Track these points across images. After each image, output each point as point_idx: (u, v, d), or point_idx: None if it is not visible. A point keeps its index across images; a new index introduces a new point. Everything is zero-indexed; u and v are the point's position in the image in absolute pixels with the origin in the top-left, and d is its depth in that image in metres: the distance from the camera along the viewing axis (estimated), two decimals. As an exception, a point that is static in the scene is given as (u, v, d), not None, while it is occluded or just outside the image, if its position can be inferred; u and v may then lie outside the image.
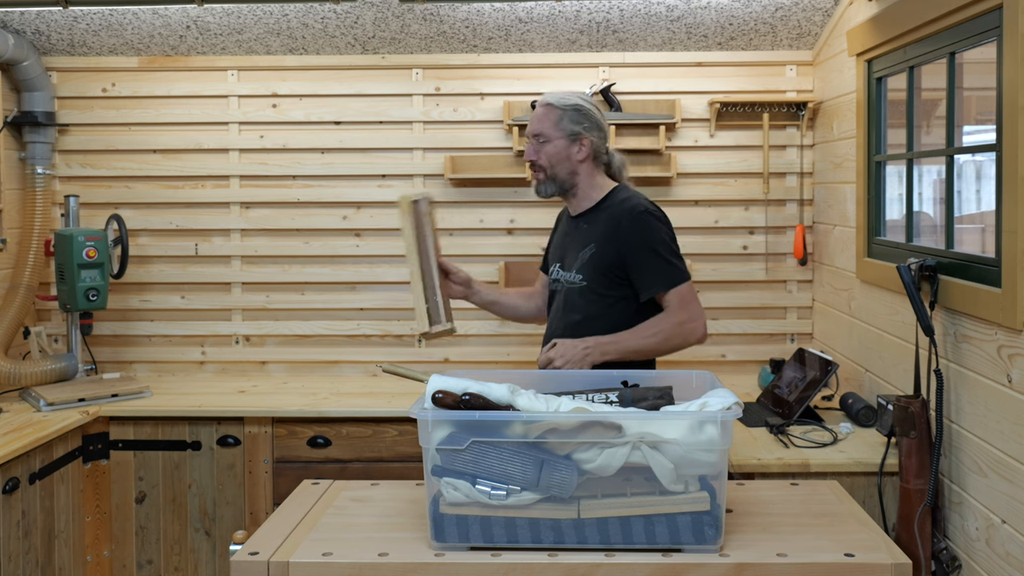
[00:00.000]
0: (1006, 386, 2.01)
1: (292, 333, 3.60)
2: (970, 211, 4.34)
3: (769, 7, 3.19)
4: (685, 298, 2.41)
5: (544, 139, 2.48)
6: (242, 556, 1.70)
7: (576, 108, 2.49)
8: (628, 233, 2.39)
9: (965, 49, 2.30)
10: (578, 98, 2.51)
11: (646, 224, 2.40)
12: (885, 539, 1.76)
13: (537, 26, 3.31)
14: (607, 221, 2.45)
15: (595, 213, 2.50)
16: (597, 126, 2.49)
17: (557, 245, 2.64)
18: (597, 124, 2.49)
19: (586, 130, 2.48)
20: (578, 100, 2.51)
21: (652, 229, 2.40)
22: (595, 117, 2.49)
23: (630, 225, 2.40)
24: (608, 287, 2.43)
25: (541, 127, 2.49)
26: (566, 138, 2.48)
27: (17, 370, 3.17)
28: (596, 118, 2.49)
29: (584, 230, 2.50)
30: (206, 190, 3.58)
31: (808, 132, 3.48)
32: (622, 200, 2.47)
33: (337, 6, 3.18)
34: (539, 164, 2.50)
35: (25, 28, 3.32)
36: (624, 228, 2.40)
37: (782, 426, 2.69)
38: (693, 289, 2.43)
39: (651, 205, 2.45)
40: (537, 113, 2.51)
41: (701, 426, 1.65)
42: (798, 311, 3.55)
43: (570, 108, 2.48)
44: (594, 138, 2.49)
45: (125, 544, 3.10)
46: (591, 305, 2.46)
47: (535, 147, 2.50)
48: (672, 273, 2.40)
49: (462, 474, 1.69)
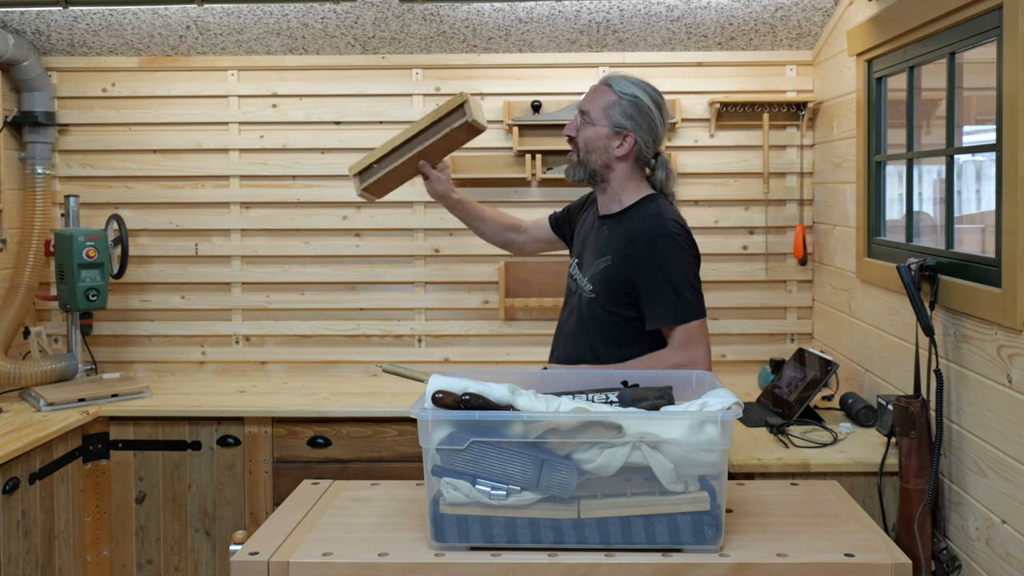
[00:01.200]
0: (1006, 386, 2.01)
1: (292, 333, 3.60)
2: (970, 211, 4.34)
3: (769, 7, 3.19)
4: (691, 338, 2.18)
5: (588, 120, 2.28)
6: (242, 556, 1.70)
7: (634, 100, 2.26)
8: (644, 254, 2.19)
9: (965, 49, 2.30)
10: (642, 89, 2.27)
11: (665, 248, 2.18)
12: (885, 539, 1.76)
13: (537, 26, 3.31)
14: (626, 235, 2.25)
15: (619, 220, 2.30)
16: (650, 126, 2.27)
17: (580, 238, 2.45)
18: (650, 124, 2.27)
19: (634, 127, 2.25)
20: (640, 91, 2.27)
21: (670, 255, 2.18)
22: (651, 115, 2.26)
23: (647, 246, 2.19)
24: (617, 304, 2.25)
25: (590, 106, 2.28)
26: (610, 128, 2.26)
27: (17, 370, 3.17)
28: (652, 117, 2.26)
29: (605, 236, 2.31)
30: (206, 190, 3.58)
31: (808, 132, 3.48)
32: (649, 215, 2.26)
33: (337, 6, 3.18)
34: (575, 143, 2.31)
35: (25, 28, 3.32)
36: (640, 247, 2.20)
37: (782, 426, 2.69)
38: (704, 328, 2.21)
39: (677, 227, 2.22)
40: (593, 89, 2.32)
41: (701, 426, 1.65)
42: (798, 311, 3.55)
43: (627, 97, 2.26)
44: (642, 138, 2.26)
45: (125, 544, 3.10)
46: (597, 320, 2.29)
47: (577, 124, 2.30)
48: (681, 308, 2.18)
49: (462, 474, 1.69)
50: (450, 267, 3.57)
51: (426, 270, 3.58)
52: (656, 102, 2.28)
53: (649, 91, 2.29)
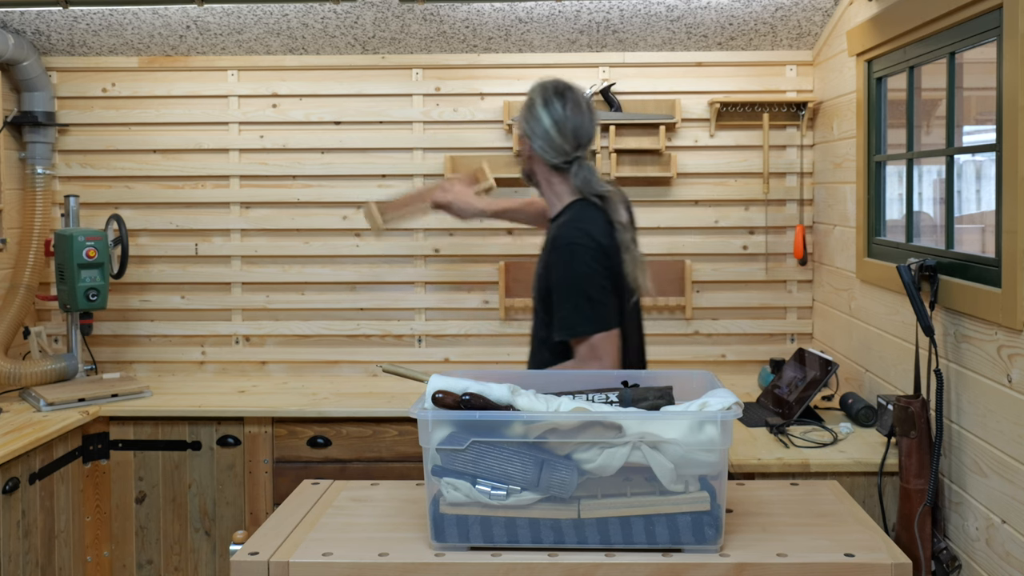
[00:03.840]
0: (1006, 386, 2.01)
1: (292, 333, 3.60)
2: (970, 211, 4.34)
3: (769, 7, 3.19)
4: (593, 351, 2.10)
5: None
6: (242, 556, 1.70)
7: (529, 105, 2.21)
8: (553, 263, 2.15)
9: (965, 49, 2.30)
10: (540, 93, 2.20)
11: (568, 257, 2.11)
12: (885, 539, 1.76)
13: (537, 26, 3.31)
14: (548, 243, 2.22)
15: (550, 226, 2.27)
16: (543, 132, 2.18)
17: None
18: (544, 130, 2.18)
19: (529, 132, 2.20)
20: (537, 95, 2.20)
21: (573, 263, 2.10)
22: (542, 122, 2.17)
23: (554, 254, 2.15)
24: (547, 313, 2.19)
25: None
26: (522, 133, 2.25)
27: (17, 370, 3.17)
28: (543, 123, 2.17)
29: (544, 243, 2.28)
30: (206, 190, 3.58)
31: (808, 132, 3.48)
32: (563, 223, 2.20)
33: (337, 6, 3.18)
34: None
35: (25, 28, 3.32)
36: (552, 256, 2.16)
37: (782, 426, 2.69)
38: (608, 341, 2.10)
39: (581, 235, 2.12)
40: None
41: (701, 426, 1.65)
42: (798, 311, 3.55)
43: (527, 103, 2.22)
44: (537, 144, 2.19)
45: (125, 544, 3.10)
46: (539, 327, 2.25)
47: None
48: (576, 321, 2.10)
49: (462, 474, 1.69)
50: (450, 267, 3.57)
51: (426, 270, 3.58)
52: (552, 104, 2.18)
53: (548, 95, 2.19)
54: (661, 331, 3.55)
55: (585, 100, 2.22)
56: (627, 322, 2.22)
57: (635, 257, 2.16)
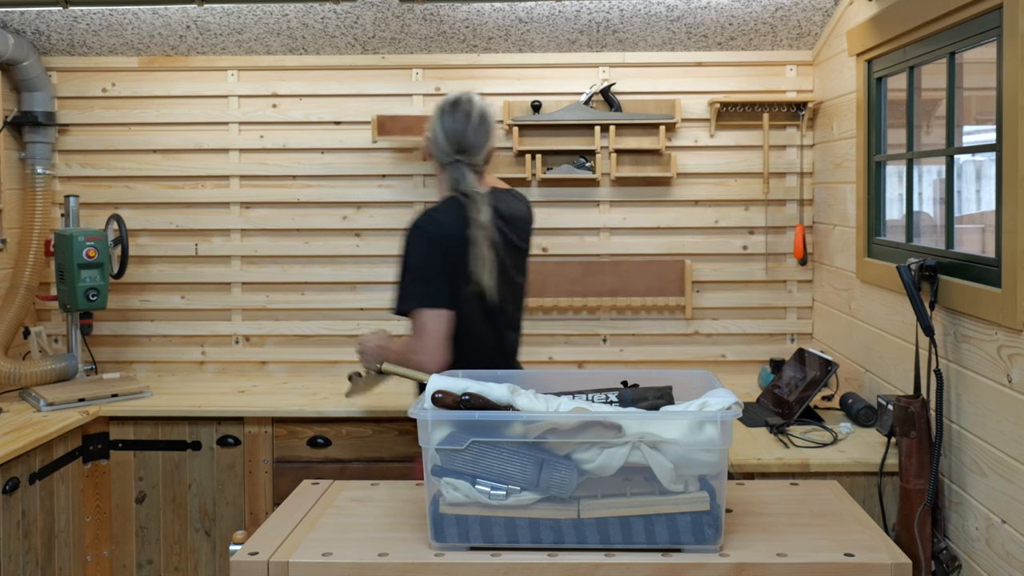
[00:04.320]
0: (1006, 386, 2.01)
1: (292, 333, 3.60)
2: (970, 211, 4.34)
3: (769, 7, 3.19)
4: (417, 327, 2.29)
5: None
6: (242, 556, 1.70)
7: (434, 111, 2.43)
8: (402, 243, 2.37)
9: (965, 49, 2.30)
10: (442, 103, 2.41)
11: (410, 237, 2.33)
12: (885, 539, 1.76)
13: (537, 26, 3.31)
14: None
15: None
16: (433, 136, 2.40)
17: None
18: (434, 134, 2.40)
19: (428, 130, 2.43)
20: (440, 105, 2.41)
21: (408, 244, 2.32)
22: (434, 127, 2.40)
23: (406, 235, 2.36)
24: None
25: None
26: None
27: (17, 370, 3.17)
28: (435, 128, 2.40)
29: None
30: (206, 190, 3.58)
31: (808, 132, 3.48)
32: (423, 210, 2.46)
33: (337, 6, 3.18)
34: None
35: (25, 28, 3.32)
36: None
37: (782, 426, 2.69)
38: (433, 320, 2.28)
39: (426, 220, 2.34)
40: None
41: (701, 426, 1.65)
42: (798, 311, 3.55)
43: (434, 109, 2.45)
44: (430, 141, 2.42)
45: (125, 544, 3.10)
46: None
47: None
48: (405, 295, 2.31)
49: (462, 474, 1.69)
50: (450, 267, 3.57)
51: (426, 270, 3.57)
52: (442, 115, 2.38)
53: (444, 106, 2.40)
54: (661, 331, 3.55)
55: (477, 113, 2.39)
56: (471, 313, 2.34)
57: (482, 255, 2.29)
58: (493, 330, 2.41)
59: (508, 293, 2.42)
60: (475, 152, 2.38)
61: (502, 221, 2.40)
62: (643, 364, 3.54)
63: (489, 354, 2.39)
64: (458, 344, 2.34)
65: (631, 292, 3.52)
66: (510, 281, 2.43)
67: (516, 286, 2.47)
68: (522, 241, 2.48)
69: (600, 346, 3.57)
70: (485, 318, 2.37)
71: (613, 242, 3.55)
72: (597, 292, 3.52)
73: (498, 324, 2.41)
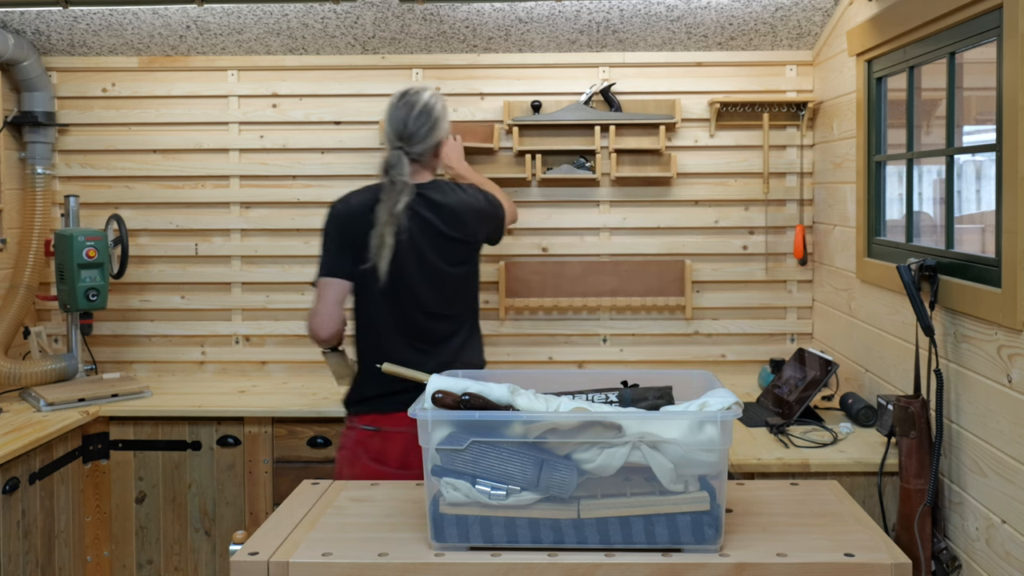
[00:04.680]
0: (1006, 386, 2.01)
1: (292, 333, 3.60)
2: (970, 211, 4.34)
3: (769, 7, 3.19)
4: (317, 294, 2.53)
5: None
6: (242, 556, 1.70)
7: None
8: None
9: (965, 49, 2.30)
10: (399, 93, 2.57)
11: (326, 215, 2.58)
12: (885, 539, 1.76)
13: (537, 26, 3.31)
14: None
15: None
16: (384, 124, 2.57)
17: None
18: (384, 123, 2.56)
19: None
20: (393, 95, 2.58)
21: (324, 221, 2.56)
22: (384, 116, 2.57)
23: None
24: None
25: None
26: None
27: (17, 370, 3.17)
28: (384, 118, 2.57)
29: None
30: (206, 190, 3.58)
31: (808, 132, 3.48)
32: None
33: (337, 6, 3.18)
34: None
35: (25, 28, 3.32)
36: None
37: (782, 426, 2.69)
38: (324, 288, 2.51)
39: (339, 200, 2.57)
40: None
41: (701, 426, 1.65)
42: (798, 311, 3.55)
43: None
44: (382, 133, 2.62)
45: (125, 544, 3.10)
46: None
47: None
48: (317, 267, 2.56)
49: (462, 474, 1.68)
50: (450, 267, 3.57)
51: (426, 270, 3.57)
52: (392, 101, 2.53)
53: (393, 98, 2.54)
54: (661, 331, 3.55)
55: (421, 105, 2.52)
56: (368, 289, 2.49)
57: (383, 240, 2.41)
58: (394, 310, 2.50)
59: (426, 279, 2.50)
60: (414, 142, 2.51)
61: (429, 210, 2.49)
62: (643, 364, 3.54)
63: (388, 332, 2.51)
64: (357, 316, 2.55)
65: (631, 292, 3.52)
66: (431, 268, 2.50)
67: (441, 273, 2.52)
68: (454, 231, 2.52)
69: (600, 346, 3.57)
70: (382, 297, 2.48)
71: (613, 242, 3.55)
72: (597, 292, 3.52)
73: (404, 305, 2.50)
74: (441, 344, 2.54)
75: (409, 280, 2.48)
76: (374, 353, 2.46)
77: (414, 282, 2.49)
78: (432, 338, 2.53)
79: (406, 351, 2.48)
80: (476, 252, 2.62)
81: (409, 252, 2.46)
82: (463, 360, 2.51)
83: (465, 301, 2.60)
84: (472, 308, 2.63)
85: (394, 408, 2.40)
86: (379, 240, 2.41)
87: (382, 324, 2.51)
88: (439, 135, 2.54)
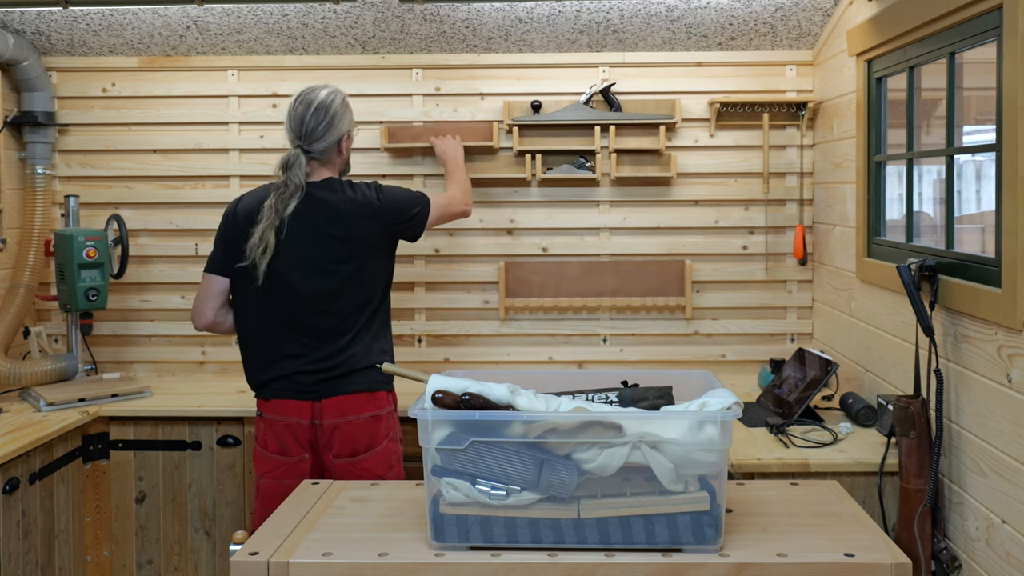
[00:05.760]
0: (1006, 386, 2.01)
1: (292, 333, 3.60)
2: (970, 211, 4.34)
3: (769, 7, 3.19)
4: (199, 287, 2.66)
5: None
6: (242, 556, 1.70)
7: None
8: None
9: (965, 49, 2.30)
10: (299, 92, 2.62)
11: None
12: (885, 539, 1.76)
13: (537, 26, 3.31)
14: None
15: None
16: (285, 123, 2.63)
17: None
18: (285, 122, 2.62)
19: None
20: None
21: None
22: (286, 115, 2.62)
23: None
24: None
25: None
26: None
27: (17, 370, 3.17)
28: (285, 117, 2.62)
29: None
30: (206, 190, 3.58)
31: (808, 132, 3.48)
32: None
33: (337, 6, 3.18)
34: None
35: (25, 28, 3.32)
36: None
37: (782, 426, 2.70)
38: (205, 282, 2.62)
39: (234, 200, 2.70)
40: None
41: (701, 426, 1.65)
42: (798, 311, 3.56)
43: None
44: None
45: (125, 544, 3.10)
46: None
47: None
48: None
49: (462, 474, 1.69)
50: (450, 267, 3.57)
51: (426, 270, 3.58)
52: (292, 100, 2.59)
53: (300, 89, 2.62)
54: (661, 331, 3.55)
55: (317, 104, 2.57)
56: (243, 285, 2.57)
57: (263, 239, 2.49)
58: (276, 306, 2.56)
59: (309, 276, 2.54)
60: (313, 140, 2.56)
61: (312, 209, 2.54)
62: (643, 364, 3.54)
63: (268, 326, 2.57)
64: (240, 311, 2.62)
65: (631, 292, 3.52)
66: (313, 265, 2.54)
67: (324, 271, 2.55)
68: (337, 229, 2.55)
69: (600, 346, 3.57)
70: (264, 292, 2.54)
71: (613, 242, 3.55)
72: (597, 292, 3.52)
73: (286, 302, 2.55)
74: (328, 340, 2.57)
75: (290, 277, 2.54)
76: (254, 344, 2.59)
77: (296, 279, 2.54)
78: (318, 333, 2.57)
79: (289, 345, 2.56)
80: (368, 250, 2.60)
81: (291, 250, 2.52)
82: (356, 355, 2.56)
83: (355, 298, 2.59)
84: (365, 305, 2.61)
85: (270, 395, 2.57)
86: (259, 239, 2.49)
87: (263, 319, 2.58)
88: (339, 131, 2.59)
